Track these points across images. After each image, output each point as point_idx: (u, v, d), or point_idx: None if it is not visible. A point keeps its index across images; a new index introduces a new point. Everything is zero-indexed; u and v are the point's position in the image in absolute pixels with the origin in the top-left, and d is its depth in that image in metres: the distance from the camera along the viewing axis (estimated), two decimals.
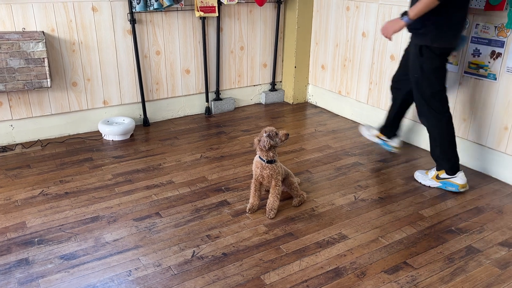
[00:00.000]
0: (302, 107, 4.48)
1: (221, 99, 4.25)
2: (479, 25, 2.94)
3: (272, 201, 2.52)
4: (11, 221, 2.46)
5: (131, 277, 2.05)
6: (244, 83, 4.38)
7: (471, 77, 3.06)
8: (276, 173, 2.49)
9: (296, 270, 2.11)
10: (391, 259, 2.20)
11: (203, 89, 4.14)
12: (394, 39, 3.53)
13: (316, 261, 2.18)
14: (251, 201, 2.58)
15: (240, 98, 4.42)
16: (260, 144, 2.44)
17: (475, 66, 3.02)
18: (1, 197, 2.70)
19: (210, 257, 2.19)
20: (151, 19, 3.68)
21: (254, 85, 4.46)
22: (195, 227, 2.43)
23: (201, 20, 3.88)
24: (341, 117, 4.19)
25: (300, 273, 2.09)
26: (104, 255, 2.19)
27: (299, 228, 2.44)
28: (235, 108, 4.38)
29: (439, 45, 2.59)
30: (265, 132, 2.44)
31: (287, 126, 3.95)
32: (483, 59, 2.97)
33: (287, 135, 2.48)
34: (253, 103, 4.52)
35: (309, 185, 2.91)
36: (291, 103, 4.56)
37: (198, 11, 3.76)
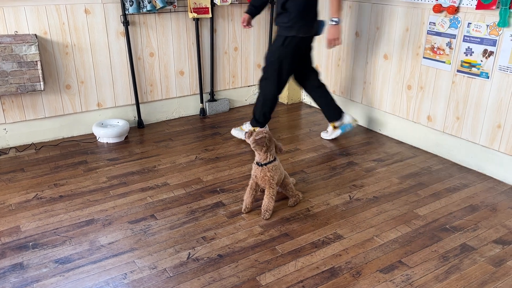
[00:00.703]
0: (296, 107, 4.48)
1: (216, 100, 4.25)
2: (471, 24, 2.96)
3: (267, 202, 2.52)
4: (5, 225, 2.44)
5: (127, 280, 2.04)
6: (238, 83, 4.38)
7: (464, 76, 3.08)
8: (269, 177, 2.48)
9: (291, 270, 2.12)
10: (386, 258, 2.21)
11: (197, 90, 4.14)
12: (387, 38, 3.54)
13: (311, 261, 2.18)
14: (244, 198, 2.60)
15: (234, 98, 4.42)
16: (256, 139, 2.42)
17: (467, 65, 3.04)
18: None
19: (205, 258, 2.19)
20: (144, 21, 3.67)
21: (248, 86, 4.46)
22: (190, 229, 2.43)
23: (194, 21, 3.88)
24: None
25: (295, 273, 2.10)
26: (99, 258, 2.19)
27: (294, 228, 2.45)
28: (230, 108, 4.38)
29: (304, 34, 3.10)
30: (262, 132, 2.44)
31: (282, 126, 3.96)
32: (475, 58, 2.98)
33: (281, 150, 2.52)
34: (248, 104, 4.52)
35: (304, 185, 2.91)
36: (286, 103, 4.56)
37: (191, 12, 3.75)
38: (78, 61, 3.50)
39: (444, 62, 3.17)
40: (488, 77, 2.94)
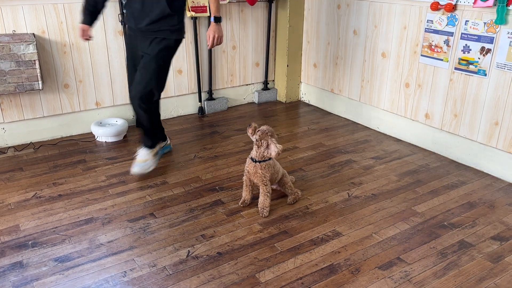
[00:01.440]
0: (295, 106, 4.49)
1: (214, 99, 4.25)
2: (468, 21, 2.97)
3: (262, 200, 2.53)
4: (5, 224, 2.45)
5: (126, 278, 2.05)
6: (236, 82, 4.39)
7: (462, 73, 3.09)
8: (261, 174, 2.47)
9: (290, 267, 2.12)
10: (385, 255, 2.22)
11: (195, 89, 4.14)
12: (385, 36, 3.55)
13: (310, 258, 2.19)
14: (243, 195, 2.62)
15: (233, 97, 4.42)
16: (271, 149, 2.40)
17: (465, 62, 3.05)
18: None
19: (205, 256, 2.20)
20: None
21: (247, 84, 4.47)
22: (189, 227, 2.44)
23: (192, 20, 3.88)
24: (334, 115, 4.21)
25: (294, 270, 2.11)
26: (98, 256, 2.19)
27: (293, 226, 2.45)
28: (228, 107, 4.39)
29: (184, 37, 2.90)
30: (267, 129, 2.44)
31: (280, 124, 3.96)
32: (473, 55, 2.99)
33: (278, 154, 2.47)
34: (246, 102, 4.52)
35: (302, 183, 2.92)
36: (284, 101, 4.57)
37: (189, 11, 3.75)
38: (76, 60, 3.49)
39: (441, 59, 3.18)
40: (485, 75, 2.95)
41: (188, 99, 4.15)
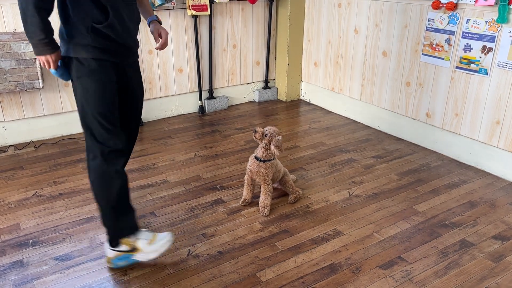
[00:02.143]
0: (295, 105, 4.49)
1: (215, 98, 4.24)
2: (469, 20, 2.96)
3: (263, 199, 2.52)
4: (5, 223, 2.44)
5: (127, 277, 2.05)
6: (237, 81, 4.38)
7: (463, 72, 3.08)
8: (264, 173, 2.48)
9: (291, 266, 2.12)
10: (386, 254, 2.21)
11: (196, 87, 4.13)
12: (386, 35, 3.54)
13: (311, 257, 2.19)
14: (244, 194, 2.62)
15: (233, 96, 4.41)
16: (274, 142, 2.41)
17: (466, 61, 3.04)
18: None
19: (205, 255, 2.20)
20: (142, 18, 3.65)
21: (247, 83, 4.46)
22: (190, 226, 2.43)
23: (193, 18, 3.87)
24: (335, 113, 4.21)
25: (295, 269, 2.10)
26: (99, 255, 2.19)
27: (294, 225, 2.45)
28: (229, 106, 4.38)
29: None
30: (275, 132, 2.44)
31: (281, 123, 3.96)
32: (474, 54, 2.98)
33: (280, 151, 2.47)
34: (247, 101, 4.52)
35: (303, 182, 2.91)
36: (285, 100, 4.56)
37: (190, 9, 3.75)
38: None
39: (443, 58, 3.17)
40: (487, 74, 2.94)
41: (188, 97, 4.15)
